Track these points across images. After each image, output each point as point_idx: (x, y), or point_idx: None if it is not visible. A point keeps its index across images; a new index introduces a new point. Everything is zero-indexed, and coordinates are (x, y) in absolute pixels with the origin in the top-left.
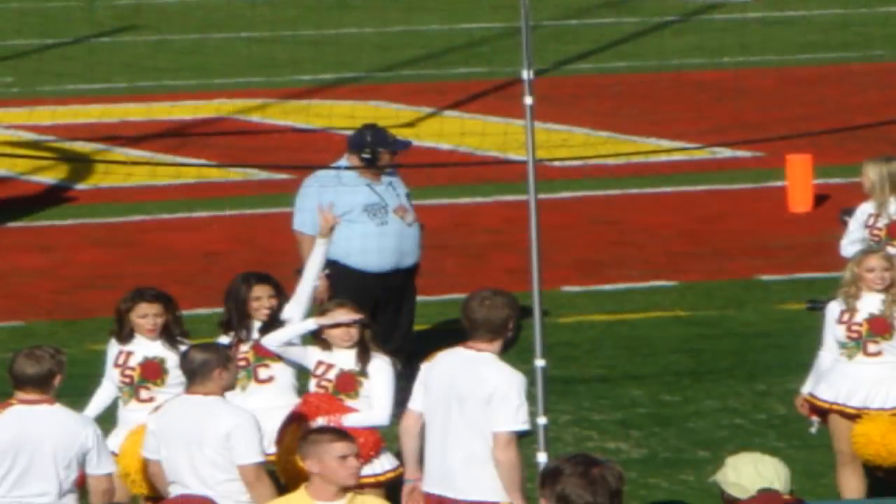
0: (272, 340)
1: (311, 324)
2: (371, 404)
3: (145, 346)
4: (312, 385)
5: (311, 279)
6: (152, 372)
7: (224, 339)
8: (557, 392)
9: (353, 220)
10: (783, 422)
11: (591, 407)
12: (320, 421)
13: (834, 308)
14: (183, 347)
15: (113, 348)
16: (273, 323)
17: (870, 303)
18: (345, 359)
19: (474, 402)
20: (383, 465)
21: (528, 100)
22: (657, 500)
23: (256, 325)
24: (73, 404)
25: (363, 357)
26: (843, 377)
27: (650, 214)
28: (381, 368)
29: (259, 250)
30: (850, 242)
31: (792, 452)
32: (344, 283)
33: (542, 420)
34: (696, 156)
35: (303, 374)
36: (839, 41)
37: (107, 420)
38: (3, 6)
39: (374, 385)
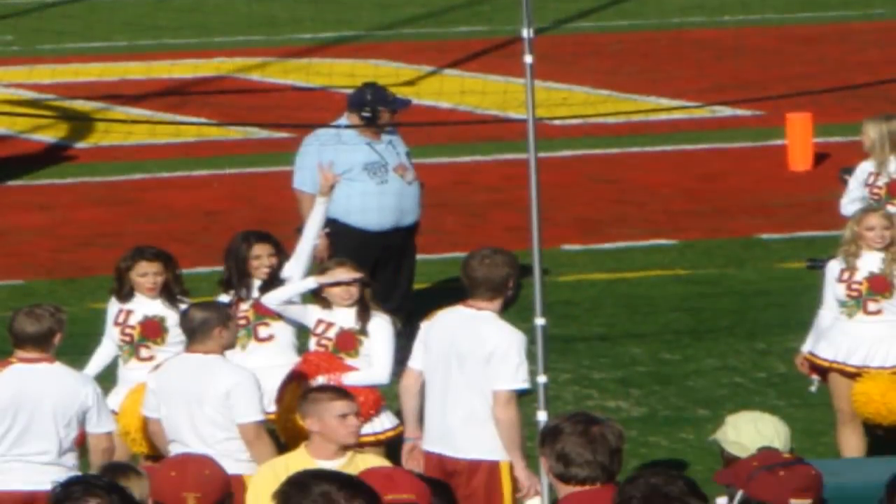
0: (272, 299)
1: (311, 282)
2: (371, 363)
3: (145, 305)
4: (312, 344)
5: (311, 238)
6: (152, 330)
7: (224, 298)
8: (557, 351)
9: (352, 179)
10: (783, 380)
11: (591, 365)
12: (320, 379)
13: (834, 267)
14: (183, 306)
15: (113, 307)
16: (273, 281)
17: (870, 261)
18: (345, 317)
19: (474, 361)
20: (383, 423)
21: (528, 58)
22: (657, 459)
23: (256, 283)
24: (73, 363)
25: (363, 316)
26: (843, 336)
27: (650, 173)
28: (381, 327)
29: (259, 209)
30: (850, 201)
31: (792, 411)
32: (344, 241)
33: (542, 379)
34: (696, 114)
35: (303, 332)
36: None
37: (107, 379)
38: None
39: (373, 344)
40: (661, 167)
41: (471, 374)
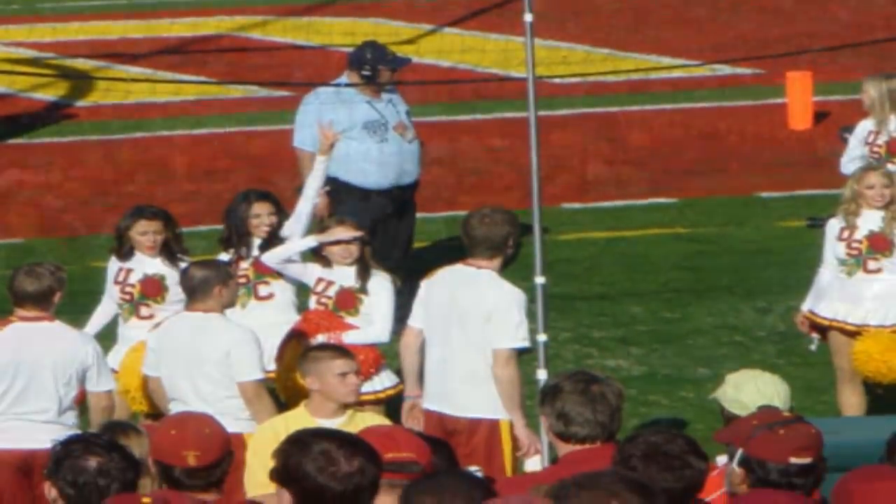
0: (272, 258)
1: (311, 241)
2: (371, 321)
3: (145, 264)
4: (312, 302)
5: (311, 196)
6: (152, 289)
7: (224, 257)
8: (557, 309)
9: (352, 138)
10: (783, 339)
11: (590, 324)
12: (320, 338)
13: (834, 225)
14: (183, 265)
15: (113, 265)
16: (273, 240)
17: (870, 220)
18: (345, 276)
19: (474, 320)
20: (383, 382)
21: (528, 17)
22: (657, 417)
23: (256, 242)
24: (73, 321)
25: (363, 274)
26: (843, 294)
27: (650, 131)
28: (381, 285)
29: (259, 167)
30: (850, 160)
31: (792, 369)
32: (343, 200)
33: (541, 337)
34: (695, 73)
35: (303, 291)
36: None
37: (107, 337)
38: None
39: (373, 302)
40: (660, 126)
41: (471, 332)
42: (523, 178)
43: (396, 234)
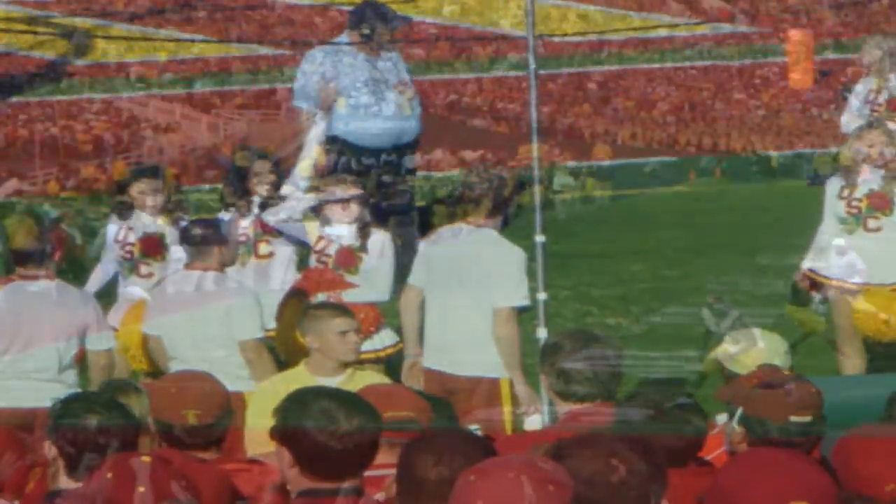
0: (272, 216)
1: (311, 199)
2: (371, 280)
3: (145, 222)
4: (312, 260)
5: (311, 155)
6: (152, 247)
7: (224, 215)
8: (557, 267)
9: (352, 96)
10: (783, 297)
11: (591, 282)
12: (320, 296)
13: (834, 183)
14: (183, 223)
15: (113, 224)
16: (273, 199)
17: (870, 178)
18: (344, 234)
19: (474, 278)
20: (383, 340)
21: None
22: (657, 376)
23: (257, 200)
24: (73, 280)
25: (363, 232)
26: (843, 253)
27: (651, 90)
28: (381, 244)
29: (259, 126)
30: (851, 118)
31: (791, 328)
32: (343, 158)
33: (541, 296)
34: (697, 31)
35: (303, 249)
36: None
37: (107, 296)
38: None
39: (373, 260)
40: (661, 84)
41: (471, 291)
42: (524, 137)
43: (396, 193)
